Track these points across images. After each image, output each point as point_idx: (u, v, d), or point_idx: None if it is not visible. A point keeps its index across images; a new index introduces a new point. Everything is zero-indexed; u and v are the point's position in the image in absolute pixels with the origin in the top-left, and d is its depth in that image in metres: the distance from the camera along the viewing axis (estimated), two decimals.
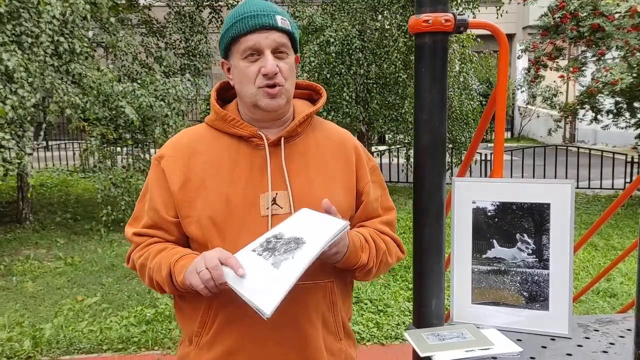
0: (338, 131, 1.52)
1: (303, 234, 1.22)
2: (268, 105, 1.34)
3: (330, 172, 1.43)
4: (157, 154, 1.45)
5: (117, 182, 6.72)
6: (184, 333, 1.48)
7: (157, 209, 1.39)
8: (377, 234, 1.47)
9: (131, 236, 1.45)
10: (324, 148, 1.45)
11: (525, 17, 18.02)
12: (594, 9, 7.81)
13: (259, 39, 1.31)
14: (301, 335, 1.37)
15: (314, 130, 1.47)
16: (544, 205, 1.29)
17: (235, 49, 1.34)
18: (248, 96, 1.35)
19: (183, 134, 1.46)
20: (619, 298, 4.82)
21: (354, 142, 1.51)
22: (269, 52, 1.32)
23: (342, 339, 1.48)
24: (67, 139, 14.57)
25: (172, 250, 1.37)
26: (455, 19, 1.28)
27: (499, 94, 1.44)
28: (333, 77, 8.38)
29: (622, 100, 8.74)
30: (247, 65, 1.33)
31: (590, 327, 1.35)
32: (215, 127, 1.42)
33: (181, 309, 1.46)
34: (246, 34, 1.31)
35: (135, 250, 1.44)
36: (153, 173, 1.43)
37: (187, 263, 1.29)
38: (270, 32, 1.32)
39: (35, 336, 4.02)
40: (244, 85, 1.35)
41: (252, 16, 1.31)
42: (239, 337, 1.35)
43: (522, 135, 19.43)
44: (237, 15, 1.33)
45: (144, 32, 10.13)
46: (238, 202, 1.34)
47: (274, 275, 1.16)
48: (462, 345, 1.21)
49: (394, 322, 4.24)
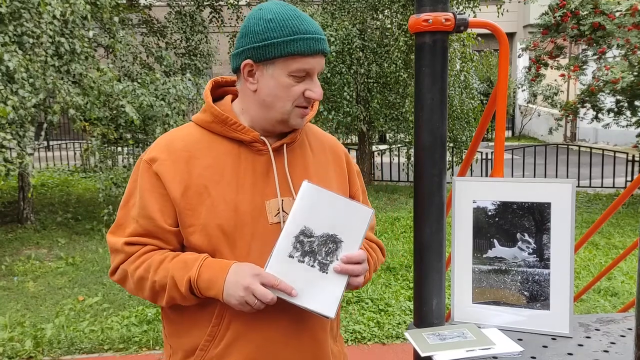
0: (327, 136, 1.54)
1: (334, 229, 1.26)
2: (298, 124, 1.35)
3: (329, 177, 1.44)
4: (147, 156, 1.33)
5: (118, 182, 6.72)
6: (176, 347, 1.38)
7: (153, 217, 1.29)
8: (369, 245, 1.49)
9: (122, 246, 1.31)
10: (319, 153, 1.46)
11: (525, 16, 18.02)
12: (595, 8, 7.80)
13: (315, 64, 1.29)
14: (315, 341, 1.38)
15: (306, 135, 1.47)
16: (544, 205, 1.29)
17: (284, 63, 1.27)
18: (281, 112, 1.31)
19: (174, 135, 1.37)
20: (620, 297, 4.81)
21: (342, 147, 1.54)
22: (316, 77, 1.32)
23: (337, 340, 1.50)
24: (68, 139, 14.59)
25: (179, 261, 1.28)
26: (455, 18, 1.28)
27: (500, 93, 1.44)
28: (334, 77, 8.38)
29: (623, 99, 8.73)
30: (292, 83, 1.29)
31: (591, 326, 1.34)
32: (211, 130, 1.36)
33: (173, 322, 1.38)
34: (306, 56, 1.27)
35: (127, 262, 1.32)
36: (144, 177, 1.31)
37: (213, 277, 1.23)
38: (322, 59, 1.32)
39: (36, 336, 4.02)
40: (280, 100, 1.30)
41: (314, 39, 1.28)
42: (254, 349, 1.31)
43: (522, 134, 19.41)
44: (297, 31, 1.26)
45: (144, 31, 10.13)
46: (246, 209, 1.30)
47: (326, 280, 1.23)
48: (462, 345, 1.20)
49: (394, 322, 4.24)
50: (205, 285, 1.23)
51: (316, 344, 1.38)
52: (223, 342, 1.31)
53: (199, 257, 1.27)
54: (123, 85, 6.45)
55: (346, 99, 8.43)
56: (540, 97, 11.28)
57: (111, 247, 1.35)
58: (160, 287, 1.28)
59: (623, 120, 9.30)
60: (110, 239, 1.36)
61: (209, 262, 1.26)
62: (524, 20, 18.51)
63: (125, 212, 1.35)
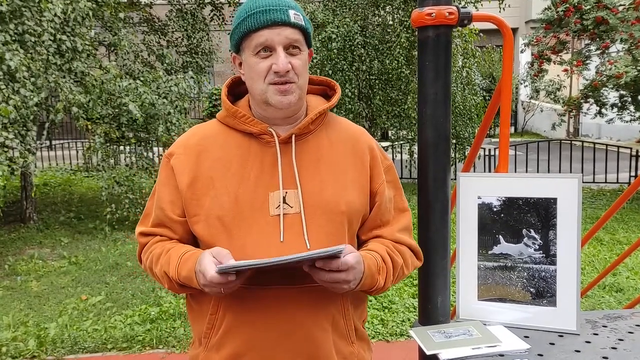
0: (352, 128, 1.47)
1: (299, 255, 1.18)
2: (279, 102, 1.31)
3: (343, 171, 1.38)
4: (168, 151, 1.42)
5: (120, 181, 6.71)
6: (194, 334, 1.46)
7: (163, 208, 1.37)
8: (393, 246, 1.40)
9: (138, 236, 1.45)
10: (337, 146, 1.40)
11: (528, 11, 17.95)
12: (598, 2, 7.76)
13: (270, 35, 1.27)
14: (310, 340, 1.33)
15: (327, 128, 1.43)
16: (550, 200, 1.27)
17: (247, 44, 1.30)
18: (258, 92, 1.32)
19: (195, 131, 1.43)
20: (626, 293, 4.79)
21: (369, 140, 1.45)
22: (281, 49, 1.28)
23: (355, 342, 1.42)
24: (70, 138, 14.60)
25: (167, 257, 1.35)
26: (459, 12, 1.26)
27: (504, 87, 1.42)
28: (335, 74, 8.36)
29: (627, 94, 8.70)
30: (257, 61, 1.29)
31: (598, 323, 1.33)
32: (226, 124, 1.39)
33: (192, 309, 1.45)
34: (257, 30, 1.27)
35: (142, 252, 1.45)
36: (162, 171, 1.41)
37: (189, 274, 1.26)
38: (282, 28, 1.28)
39: (39, 335, 4.02)
40: (254, 81, 1.32)
41: (264, 11, 1.27)
42: (247, 340, 1.33)
43: (525, 130, 19.37)
44: (249, 9, 1.29)
45: (145, 30, 10.12)
46: (246, 201, 1.31)
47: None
48: (468, 343, 1.19)
49: (399, 319, 4.23)
50: (187, 282, 1.29)
51: (312, 344, 1.33)
52: (221, 331, 1.34)
53: (178, 253, 1.33)
54: (126, 82, 6.44)
55: (348, 96, 8.41)
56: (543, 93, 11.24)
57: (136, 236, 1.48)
58: (162, 279, 1.36)
59: (626, 115, 9.26)
60: (136, 229, 1.48)
61: (185, 257, 1.31)
62: (526, 16, 18.44)
63: (150, 204, 1.45)
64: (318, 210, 1.33)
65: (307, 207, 1.32)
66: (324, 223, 1.33)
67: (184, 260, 1.30)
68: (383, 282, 1.33)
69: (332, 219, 1.34)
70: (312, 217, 1.32)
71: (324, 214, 1.33)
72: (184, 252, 1.32)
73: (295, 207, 1.32)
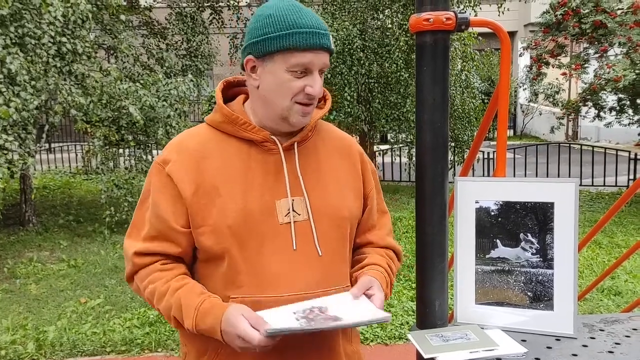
0: (342, 135, 1.50)
1: (343, 314, 1.22)
2: (299, 122, 1.31)
3: (342, 177, 1.41)
4: (160, 158, 1.35)
5: (119, 184, 6.71)
6: (190, 347, 1.39)
7: (165, 218, 1.30)
8: (386, 254, 1.47)
9: (131, 256, 1.34)
10: (332, 152, 1.43)
11: (526, 15, 18.00)
12: (596, 6, 7.79)
13: (314, 59, 1.25)
14: (323, 343, 1.36)
15: (319, 133, 1.44)
16: (547, 205, 1.28)
17: (283, 58, 1.25)
18: (281, 108, 1.29)
19: (186, 136, 1.38)
20: (624, 296, 4.80)
21: (357, 146, 1.51)
22: (317, 73, 1.27)
23: (353, 340, 1.47)
24: (69, 141, 14.60)
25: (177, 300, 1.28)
26: (456, 17, 1.27)
27: (501, 92, 1.43)
28: (334, 77, 8.37)
29: (625, 97, 8.72)
30: (291, 78, 1.26)
31: (595, 326, 1.33)
32: (222, 130, 1.35)
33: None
34: (303, 50, 1.24)
35: (138, 277, 1.35)
36: (157, 179, 1.33)
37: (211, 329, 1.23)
38: (323, 54, 1.27)
39: (38, 339, 4.02)
40: (279, 96, 1.28)
41: (313, 33, 1.24)
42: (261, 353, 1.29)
43: (524, 133, 19.39)
44: (295, 25, 1.24)
45: (145, 33, 10.14)
46: (256, 209, 1.29)
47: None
48: (466, 346, 1.20)
49: (397, 322, 4.23)
50: (207, 334, 1.25)
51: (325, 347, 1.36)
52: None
53: (192, 303, 1.26)
54: (126, 85, 6.45)
55: (347, 100, 8.42)
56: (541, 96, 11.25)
57: (124, 252, 1.38)
58: (168, 319, 1.31)
59: (625, 118, 9.28)
60: (125, 242, 1.38)
61: (203, 310, 1.25)
62: (524, 19, 18.49)
63: (141, 214, 1.36)
64: (324, 217, 1.35)
65: (314, 214, 1.33)
66: (331, 229, 1.35)
67: (202, 313, 1.24)
68: (389, 294, 1.40)
69: (338, 224, 1.37)
70: (320, 224, 1.34)
71: (330, 220, 1.35)
72: (199, 303, 1.25)
73: (302, 214, 1.32)
